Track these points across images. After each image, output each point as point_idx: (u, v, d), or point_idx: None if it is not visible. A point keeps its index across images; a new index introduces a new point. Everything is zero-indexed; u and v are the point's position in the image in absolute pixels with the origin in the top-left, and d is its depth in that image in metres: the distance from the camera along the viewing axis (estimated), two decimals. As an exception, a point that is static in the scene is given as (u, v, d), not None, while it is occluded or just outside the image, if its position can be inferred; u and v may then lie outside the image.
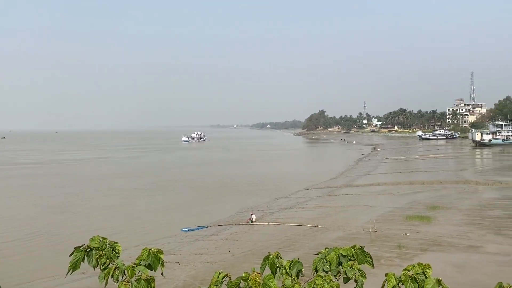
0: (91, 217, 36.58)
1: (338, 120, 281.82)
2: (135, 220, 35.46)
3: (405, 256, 21.13)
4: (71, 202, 43.78)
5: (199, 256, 24.09)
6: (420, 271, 2.62)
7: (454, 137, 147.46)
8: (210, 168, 76.29)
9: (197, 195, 47.34)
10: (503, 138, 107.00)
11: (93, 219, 35.66)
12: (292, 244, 24.94)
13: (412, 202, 36.34)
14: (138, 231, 31.65)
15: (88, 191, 50.80)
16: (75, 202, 43.82)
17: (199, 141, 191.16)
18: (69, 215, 37.82)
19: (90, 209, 40.47)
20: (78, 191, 51.03)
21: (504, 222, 27.65)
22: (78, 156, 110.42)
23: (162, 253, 3.08)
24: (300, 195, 45.36)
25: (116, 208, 40.40)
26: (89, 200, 44.93)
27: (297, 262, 2.84)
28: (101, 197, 46.91)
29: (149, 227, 33.10)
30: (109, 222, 34.17)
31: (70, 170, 75.25)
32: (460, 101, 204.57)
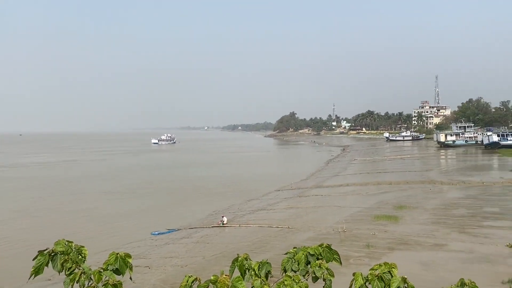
0: (59, 222, 35.52)
1: (309, 122, 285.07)
2: (104, 224, 34.69)
3: (373, 255, 21.56)
4: (38, 206, 42.37)
5: (169, 259, 23.81)
6: (386, 270, 2.69)
7: (419, 138, 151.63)
8: (180, 170, 75.55)
9: (167, 198, 46.78)
10: (466, 139, 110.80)
11: (61, 224, 34.64)
12: (263, 246, 25.02)
13: (380, 202, 37.13)
14: (107, 235, 30.97)
15: (55, 195, 49.33)
16: (42, 206, 42.44)
17: (169, 143, 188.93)
18: (36, 220, 36.56)
19: (58, 213, 39.29)
20: (44, 195, 49.47)
21: (467, 221, 28.65)
22: (43, 159, 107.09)
23: (130, 257, 3.03)
24: (271, 196, 45.56)
25: (84, 212, 39.40)
26: (57, 204, 43.60)
27: (266, 263, 2.86)
28: (69, 201, 45.64)
29: (119, 231, 32.44)
30: (77, 226, 33.29)
31: (36, 174, 72.88)
32: (425, 104, 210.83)
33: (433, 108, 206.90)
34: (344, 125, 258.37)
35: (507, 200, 35.65)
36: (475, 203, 34.96)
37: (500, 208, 32.37)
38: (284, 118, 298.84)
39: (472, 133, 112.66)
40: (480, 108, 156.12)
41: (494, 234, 24.73)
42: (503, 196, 37.75)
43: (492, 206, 33.17)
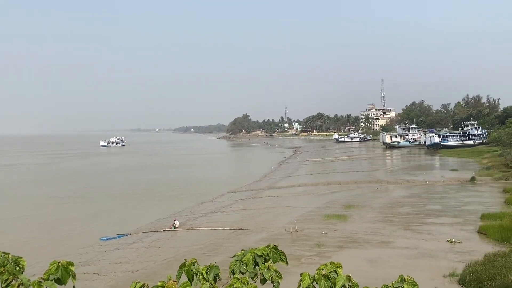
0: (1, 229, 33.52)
1: (261, 124, 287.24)
2: (50, 230, 33.16)
3: (324, 254, 22.04)
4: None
5: (119, 265, 23.14)
6: (332, 269, 2.76)
7: (367, 139, 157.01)
8: (130, 173, 73.66)
9: (116, 202, 45.46)
10: (410, 140, 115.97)
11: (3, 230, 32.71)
12: (216, 248, 24.91)
13: (330, 201, 38.06)
14: (53, 242, 29.63)
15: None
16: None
17: (118, 145, 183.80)
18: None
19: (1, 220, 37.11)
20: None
21: (412, 218, 29.98)
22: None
23: (73, 266, 2.92)
24: (224, 198, 45.47)
25: (29, 218, 37.47)
26: None
27: (214, 267, 2.85)
28: (13, 206, 43.24)
29: (65, 237, 31.12)
30: (21, 234, 31.61)
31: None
32: (372, 106, 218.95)
33: (379, 111, 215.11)
34: (296, 127, 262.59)
35: (448, 198, 37.65)
36: (419, 201, 36.66)
37: (442, 205, 34.13)
38: (237, 120, 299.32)
39: (415, 135, 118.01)
40: (423, 111, 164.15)
41: (436, 231, 26.03)
42: (444, 194, 39.83)
43: (434, 204, 34.90)
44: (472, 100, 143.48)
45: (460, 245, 22.51)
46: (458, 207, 32.99)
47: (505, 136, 60.33)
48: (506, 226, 23.75)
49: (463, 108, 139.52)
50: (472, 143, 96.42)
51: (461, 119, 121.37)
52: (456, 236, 24.04)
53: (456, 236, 24.04)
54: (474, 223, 27.01)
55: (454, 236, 24.18)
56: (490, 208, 30.80)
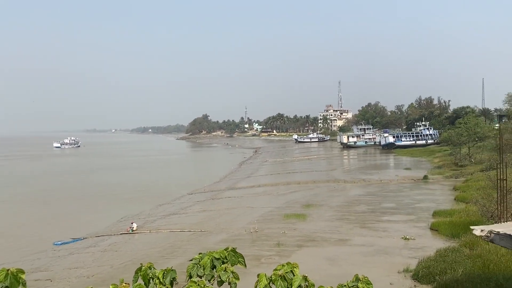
0: None
1: (222, 124, 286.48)
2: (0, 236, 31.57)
3: (283, 253, 22.27)
4: None
5: (74, 270, 22.41)
6: (289, 270, 2.80)
7: (325, 140, 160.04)
8: (85, 176, 71.38)
9: (71, 205, 43.91)
10: (366, 140, 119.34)
11: None
12: (175, 251, 24.61)
13: (289, 201, 38.52)
14: (2, 248, 28.20)
15: None
16: None
17: (73, 147, 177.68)
18: None
19: None
20: None
21: (367, 216, 30.85)
22: None
23: (23, 273, 2.81)
24: (184, 200, 44.97)
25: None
26: None
27: (171, 271, 2.82)
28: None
29: (16, 243, 29.71)
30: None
31: None
32: (330, 107, 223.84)
33: (336, 112, 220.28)
34: (256, 128, 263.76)
35: (402, 196, 39.04)
36: (375, 199, 37.79)
37: (396, 203, 35.34)
38: (197, 121, 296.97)
39: (371, 135, 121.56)
40: (378, 112, 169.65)
41: (391, 228, 26.93)
42: (399, 192, 41.27)
43: (389, 202, 36.08)
44: (424, 101, 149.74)
45: (413, 241, 23.38)
46: (411, 205, 34.25)
47: (455, 136, 63.26)
48: (456, 222, 24.89)
49: (416, 109, 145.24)
50: (424, 143, 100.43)
51: (414, 119, 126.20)
52: (410, 233, 24.96)
53: (410, 233, 24.96)
54: (426, 220, 28.13)
55: (408, 233, 25.09)
56: (441, 206, 32.17)
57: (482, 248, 18.25)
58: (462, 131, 63.75)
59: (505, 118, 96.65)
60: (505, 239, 5.64)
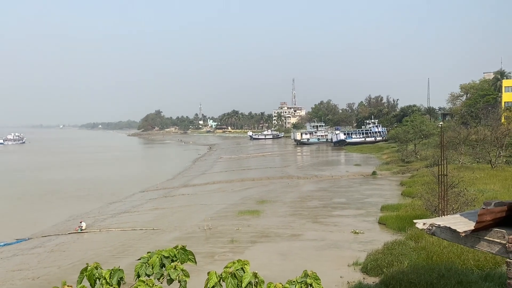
0: None
1: (175, 120, 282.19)
2: None
3: (237, 250, 22.35)
4: None
5: (18, 272, 21.40)
6: (239, 267, 2.81)
7: (279, 137, 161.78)
8: (31, 173, 68.09)
9: (15, 204, 41.77)
10: (318, 137, 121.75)
11: None
12: (126, 250, 24.06)
13: (244, 198, 38.68)
14: None
15: None
16: None
17: (17, 143, 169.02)
18: None
19: None
20: None
21: (319, 211, 31.56)
22: None
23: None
24: (136, 198, 44.00)
25: None
26: None
27: (118, 270, 2.76)
28: None
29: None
30: None
31: None
32: (284, 105, 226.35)
33: (290, 109, 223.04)
34: (211, 124, 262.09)
35: (352, 191, 40.22)
36: (326, 195, 38.71)
37: (347, 198, 36.37)
38: (149, 117, 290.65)
39: (323, 132, 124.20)
40: (330, 109, 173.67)
41: (342, 222, 27.70)
42: (349, 187, 42.50)
43: (340, 197, 37.07)
44: (374, 100, 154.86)
45: (362, 235, 24.17)
46: (361, 200, 35.38)
47: (402, 133, 65.93)
48: (402, 216, 25.97)
49: (366, 107, 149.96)
50: (373, 140, 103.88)
51: (364, 117, 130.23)
52: (359, 227, 25.79)
53: (359, 227, 25.79)
54: (375, 214, 29.16)
55: (357, 227, 25.91)
56: (389, 200, 33.45)
57: (426, 241, 19.15)
58: (408, 128, 66.58)
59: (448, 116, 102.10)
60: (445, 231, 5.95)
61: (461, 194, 24.29)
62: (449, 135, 48.14)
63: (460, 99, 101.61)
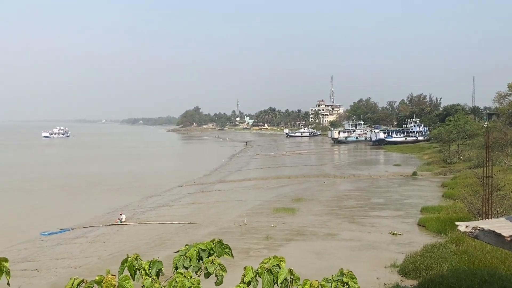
0: None
1: (213, 117, 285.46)
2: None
3: (272, 247, 22.37)
4: None
5: (61, 261, 22.29)
6: (275, 263, 2.81)
7: (316, 135, 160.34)
8: (74, 166, 70.81)
9: (60, 195, 43.59)
10: (356, 136, 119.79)
11: None
12: (164, 243, 24.59)
13: (279, 195, 38.64)
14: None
15: None
16: None
17: (62, 137, 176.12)
18: None
19: None
20: None
21: (357, 211, 31.08)
22: None
23: (7, 261, 2.79)
24: (174, 192, 44.88)
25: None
26: None
27: (157, 262, 2.82)
28: None
29: (3, 232, 29.42)
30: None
31: None
32: (322, 102, 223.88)
33: (328, 107, 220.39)
34: (248, 121, 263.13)
35: (391, 191, 39.35)
36: (364, 194, 38.06)
37: (385, 199, 35.62)
38: (188, 113, 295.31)
39: (362, 131, 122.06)
40: (369, 108, 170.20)
41: (379, 223, 27.17)
42: (388, 188, 41.59)
43: (378, 198, 36.35)
44: (416, 98, 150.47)
45: (401, 237, 23.62)
46: (400, 201, 34.56)
47: (445, 133, 63.81)
48: (443, 218, 25.18)
49: (407, 106, 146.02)
50: (414, 140, 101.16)
51: (405, 116, 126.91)
52: (397, 228, 25.21)
53: (398, 228, 25.21)
54: (414, 216, 28.42)
55: (396, 228, 25.34)
56: (429, 202, 32.50)
57: (468, 245, 18.50)
58: (452, 128, 64.33)
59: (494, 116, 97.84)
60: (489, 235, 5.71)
61: (506, 197, 23.31)
62: (495, 136, 46.22)
63: (508, 99, 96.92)
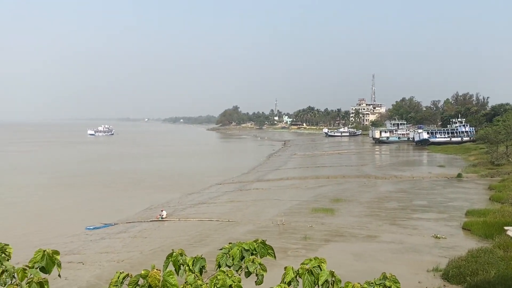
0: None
1: (251, 116, 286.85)
2: (35, 218, 32.86)
3: (310, 247, 22.22)
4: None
5: (105, 255, 23.10)
6: (316, 264, 2.79)
7: (356, 134, 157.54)
8: (118, 163, 73.19)
9: (103, 191, 45.17)
10: (399, 136, 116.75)
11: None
12: (203, 240, 24.96)
13: (317, 195, 38.30)
14: (38, 230, 29.35)
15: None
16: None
17: (106, 134, 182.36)
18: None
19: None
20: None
21: (398, 213, 30.33)
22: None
23: (58, 254, 2.92)
24: (213, 190, 45.45)
25: (14, 206, 37.09)
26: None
27: (200, 259, 2.86)
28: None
29: (50, 225, 30.86)
30: (5, 221, 31.25)
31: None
32: (362, 101, 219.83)
33: (369, 106, 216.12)
34: (286, 120, 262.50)
35: (434, 193, 38.12)
36: (406, 196, 37.08)
37: (428, 201, 34.55)
38: (227, 112, 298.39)
39: (404, 130, 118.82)
40: (412, 107, 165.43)
41: (422, 226, 26.39)
42: (431, 190, 40.31)
43: (421, 200, 35.32)
44: (462, 97, 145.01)
45: (444, 240, 22.85)
46: (444, 203, 33.43)
47: (492, 134, 61.14)
48: (490, 222, 24.14)
49: (452, 105, 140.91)
50: (459, 140, 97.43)
51: (450, 116, 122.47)
52: (441, 232, 24.41)
53: (441, 232, 24.40)
54: (459, 219, 27.41)
55: (439, 231, 24.54)
56: (475, 205, 31.27)
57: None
58: (500, 129, 61.60)
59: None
60: (543, 242, 5.42)
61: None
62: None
63: None
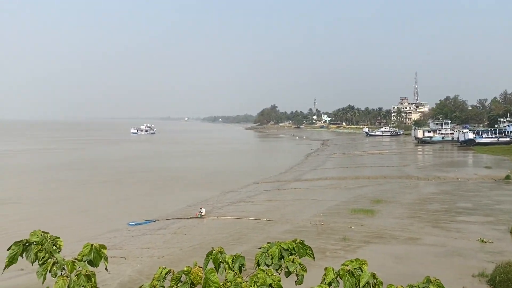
0: (36, 210, 34.85)
1: (289, 115, 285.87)
2: (80, 213, 34.27)
3: (349, 248, 21.90)
4: (14, 195, 41.41)
5: (146, 250, 23.71)
6: (357, 266, 2.75)
7: (398, 134, 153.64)
8: (159, 161, 74.97)
9: (145, 188, 46.43)
10: (442, 136, 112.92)
11: (37, 212, 33.99)
12: (241, 238, 25.14)
13: (357, 196, 37.67)
14: (83, 224, 30.57)
15: (33, 184, 48.39)
16: (19, 194, 41.50)
17: (148, 133, 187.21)
18: (13, 208, 35.73)
19: (35, 202, 38.54)
20: (21, 183, 48.40)
21: (441, 215, 29.36)
22: (18, 147, 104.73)
23: (105, 248, 3.03)
24: (250, 189, 45.68)
25: (62, 201, 38.81)
26: (34, 193, 42.73)
27: (240, 257, 2.89)
28: (47, 189, 44.84)
29: (95, 220, 32.07)
30: (54, 216, 32.74)
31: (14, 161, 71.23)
32: (405, 100, 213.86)
33: (412, 105, 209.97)
34: (325, 119, 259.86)
35: (480, 196, 36.63)
36: (450, 198, 35.83)
37: (473, 203, 33.24)
38: (265, 111, 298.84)
39: (448, 130, 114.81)
40: (457, 106, 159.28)
41: (467, 229, 25.43)
42: (477, 192, 38.76)
43: (465, 202, 34.03)
44: (510, 96, 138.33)
45: (491, 244, 21.93)
46: (490, 206, 32.07)
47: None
48: (541, 227, 22.95)
49: (500, 104, 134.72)
50: (508, 141, 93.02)
51: (498, 115, 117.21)
52: (487, 235, 23.43)
53: (487, 236, 23.43)
54: (507, 222, 26.21)
55: (485, 235, 23.57)
56: (524, 208, 29.78)
57: None
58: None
59: None
60: None
61: None
62: None
63: None
